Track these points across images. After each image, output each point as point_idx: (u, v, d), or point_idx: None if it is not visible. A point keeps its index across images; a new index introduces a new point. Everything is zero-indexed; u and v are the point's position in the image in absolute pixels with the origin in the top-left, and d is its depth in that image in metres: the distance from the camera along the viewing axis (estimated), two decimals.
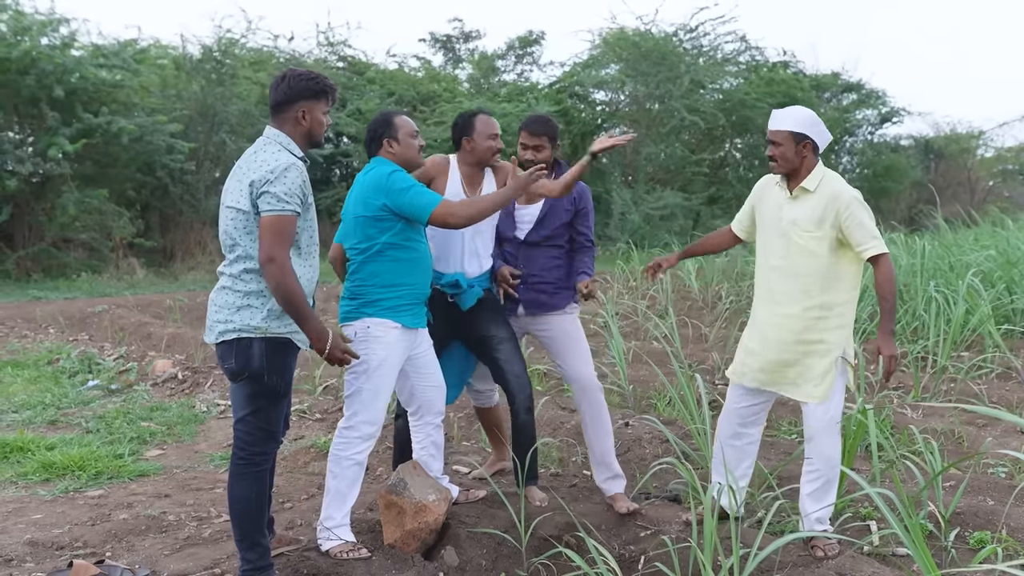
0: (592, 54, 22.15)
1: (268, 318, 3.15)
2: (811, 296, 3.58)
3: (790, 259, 3.62)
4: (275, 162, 3.11)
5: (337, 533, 3.58)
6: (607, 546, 3.51)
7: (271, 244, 3.04)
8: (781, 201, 3.68)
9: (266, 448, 3.28)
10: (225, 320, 3.17)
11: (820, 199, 3.56)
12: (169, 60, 16.70)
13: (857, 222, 3.50)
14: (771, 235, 3.71)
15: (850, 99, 25.42)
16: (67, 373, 7.66)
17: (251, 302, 3.15)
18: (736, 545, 2.97)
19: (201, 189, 15.95)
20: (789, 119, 3.62)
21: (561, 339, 4.20)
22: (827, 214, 3.53)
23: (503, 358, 4.05)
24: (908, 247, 10.17)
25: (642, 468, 4.70)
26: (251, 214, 3.11)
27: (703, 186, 21.58)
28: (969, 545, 3.64)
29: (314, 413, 6.07)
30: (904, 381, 6.48)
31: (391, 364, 3.63)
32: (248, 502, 3.24)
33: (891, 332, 3.54)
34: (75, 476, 4.89)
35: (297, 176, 3.11)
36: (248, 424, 3.23)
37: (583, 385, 4.15)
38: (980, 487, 4.28)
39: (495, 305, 4.13)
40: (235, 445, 3.28)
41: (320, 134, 3.31)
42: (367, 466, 4.75)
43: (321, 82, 3.26)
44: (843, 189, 3.56)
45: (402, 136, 3.72)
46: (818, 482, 3.61)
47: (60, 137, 13.52)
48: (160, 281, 14.36)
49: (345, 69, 20.19)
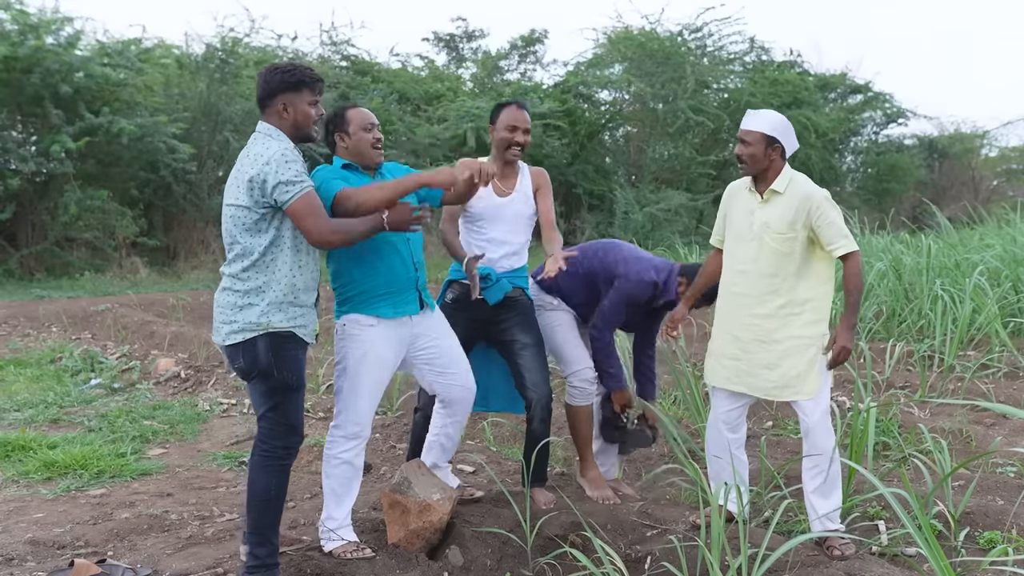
0: (596, 53, 22.11)
1: (268, 312, 3.14)
2: (781, 294, 3.61)
3: (761, 262, 3.63)
4: (268, 152, 3.10)
5: (339, 534, 3.55)
6: (613, 546, 3.47)
7: (313, 225, 3.09)
8: (752, 206, 3.68)
9: (288, 442, 3.27)
10: (229, 321, 3.17)
11: (791, 200, 3.58)
12: (173, 59, 16.70)
13: (828, 221, 3.53)
14: (741, 240, 3.71)
15: (857, 100, 25.37)
16: (70, 372, 7.65)
17: (251, 300, 3.15)
18: (744, 545, 2.94)
19: (204, 188, 15.94)
20: (764, 121, 3.62)
21: None
22: (799, 215, 3.56)
23: (524, 364, 3.98)
24: (913, 246, 10.12)
25: (647, 467, 4.67)
26: (251, 210, 3.10)
27: (708, 186, 21.53)
28: (979, 545, 3.60)
29: (317, 412, 6.05)
30: (911, 380, 6.43)
31: (372, 362, 3.53)
32: (267, 495, 3.22)
33: (852, 326, 3.56)
34: (77, 475, 4.86)
35: (294, 157, 3.12)
36: (269, 420, 3.24)
37: None
38: (989, 486, 4.24)
39: (525, 308, 4.07)
40: (258, 438, 3.27)
41: (308, 126, 3.26)
42: (370, 465, 4.75)
43: (297, 73, 3.22)
44: (813, 190, 3.59)
45: (353, 129, 3.59)
46: (820, 476, 3.60)
47: (64, 136, 13.52)
48: (163, 280, 14.35)
49: (348, 68, 20.17)
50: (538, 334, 4.06)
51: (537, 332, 4.06)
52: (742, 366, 3.72)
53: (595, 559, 3.18)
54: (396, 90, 19.63)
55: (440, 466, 3.97)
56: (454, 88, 21.08)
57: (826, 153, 23.09)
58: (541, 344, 4.06)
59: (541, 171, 4.19)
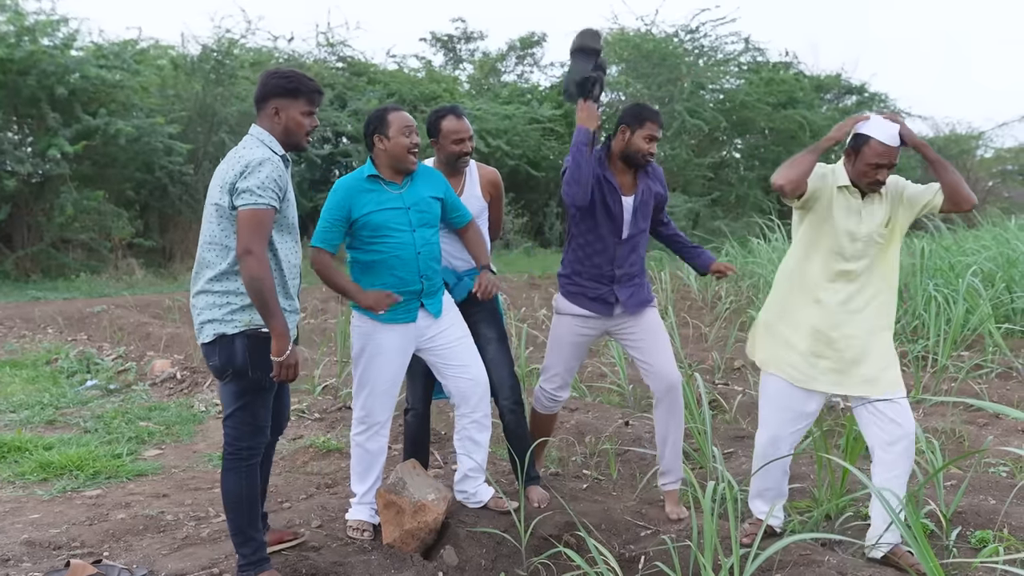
0: None
1: (248, 310, 3.15)
2: (879, 288, 3.53)
3: (866, 259, 3.48)
4: (250, 157, 3.12)
5: (354, 510, 3.85)
6: (607, 546, 3.49)
7: (248, 237, 3.03)
8: (855, 206, 3.49)
9: (253, 442, 3.29)
10: (207, 320, 3.19)
11: (884, 195, 3.54)
12: (168, 60, 16.68)
13: (908, 184, 3.55)
14: (842, 239, 3.47)
15: (852, 100, 25.40)
16: (65, 373, 7.64)
17: (230, 300, 3.16)
18: (736, 545, 2.96)
19: (200, 189, 15.89)
20: (898, 134, 3.43)
21: (651, 334, 4.06)
22: (893, 204, 3.53)
23: (490, 358, 4.03)
24: (908, 247, 10.15)
25: (642, 467, 4.69)
26: (227, 209, 3.12)
27: (704, 188, 21.55)
28: (971, 544, 3.62)
29: (313, 412, 6.05)
30: (905, 381, 6.45)
31: (372, 355, 3.74)
32: (239, 496, 3.26)
33: None
34: (73, 476, 4.87)
35: (272, 170, 3.10)
36: (236, 419, 3.26)
37: (671, 383, 3.99)
38: (981, 486, 4.26)
39: (490, 304, 4.10)
40: (225, 441, 3.30)
41: (298, 134, 3.26)
42: None
43: (295, 81, 3.24)
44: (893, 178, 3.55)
45: (392, 132, 3.67)
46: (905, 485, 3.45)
47: (60, 138, 13.51)
48: (159, 281, 14.34)
49: (344, 69, 20.16)
50: (502, 329, 4.13)
51: (501, 327, 4.13)
52: (833, 364, 3.52)
53: (589, 559, 3.20)
54: (392, 91, 19.62)
55: (470, 476, 3.96)
56: (451, 90, 21.08)
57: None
58: (505, 339, 4.13)
59: (494, 177, 4.22)
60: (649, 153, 3.93)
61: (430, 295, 3.78)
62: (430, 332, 3.80)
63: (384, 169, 3.73)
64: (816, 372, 3.53)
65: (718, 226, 18.59)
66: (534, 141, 20.06)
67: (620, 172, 4.00)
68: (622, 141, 3.94)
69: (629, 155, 3.94)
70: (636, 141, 3.91)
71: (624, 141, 3.93)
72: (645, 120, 3.89)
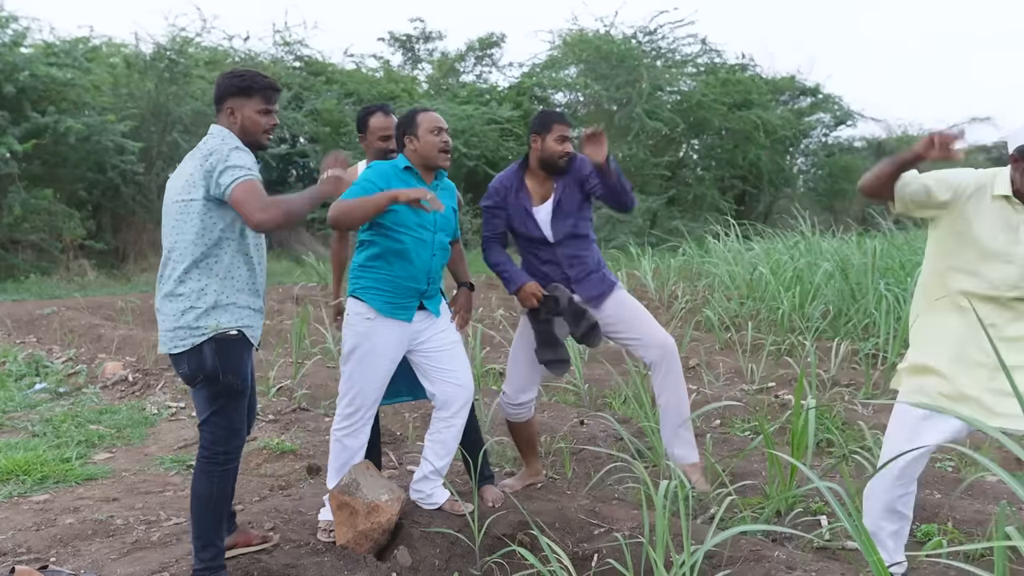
0: (552, 55, 22.21)
1: (214, 314, 3.12)
2: None
3: (1014, 280, 3.02)
4: (212, 143, 3.14)
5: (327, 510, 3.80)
6: (560, 544, 3.50)
7: (252, 208, 2.99)
8: (1015, 222, 3.01)
9: (230, 446, 3.27)
10: (174, 328, 3.15)
11: None
12: (121, 58, 16.44)
13: None
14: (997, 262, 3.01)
15: (806, 102, 25.77)
16: (13, 376, 7.49)
17: (194, 303, 3.13)
18: (687, 543, 2.98)
19: (153, 189, 15.69)
20: None
21: (627, 311, 4.15)
22: None
23: None
24: (860, 246, 10.31)
25: (596, 466, 4.71)
26: (199, 202, 3.09)
27: (661, 187, 21.72)
28: (917, 538, 3.69)
29: (267, 415, 6.00)
30: (855, 378, 6.56)
31: (365, 354, 3.72)
32: (209, 500, 3.23)
33: None
34: (20, 480, 4.78)
35: (245, 153, 3.13)
36: (211, 424, 3.24)
37: (666, 348, 4.04)
38: (927, 481, 4.35)
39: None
40: (201, 445, 3.28)
41: (255, 132, 3.26)
42: (319, 467, 4.76)
43: (248, 79, 3.25)
44: None
45: (421, 132, 3.70)
46: None
47: (8, 137, 13.25)
48: (112, 283, 14.12)
49: (302, 69, 20.02)
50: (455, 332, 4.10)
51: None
52: (979, 394, 3.06)
53: (542, 557, 3.21)
54: (350, 91, 19.52)
55: (430, 478, 3.95)
56: (409, 89, 21.03)
57: (776, 155, 23.42)
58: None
59: None
60: (565, 153, 4.02)
61: (430, 298, 3.84)
62: (424, 335, 3.82)
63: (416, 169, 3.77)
64: None
65: (676, 226, 18.75)
66: (492, 141, 20.08)
67: (541, 182, 4.11)
68: (537, 151, 4.06)
69: (547, 161, 4.05)
70: (549, 145, 4.02)
71: (538, 150, 4.06)
72: (551, 124, 4.02)
